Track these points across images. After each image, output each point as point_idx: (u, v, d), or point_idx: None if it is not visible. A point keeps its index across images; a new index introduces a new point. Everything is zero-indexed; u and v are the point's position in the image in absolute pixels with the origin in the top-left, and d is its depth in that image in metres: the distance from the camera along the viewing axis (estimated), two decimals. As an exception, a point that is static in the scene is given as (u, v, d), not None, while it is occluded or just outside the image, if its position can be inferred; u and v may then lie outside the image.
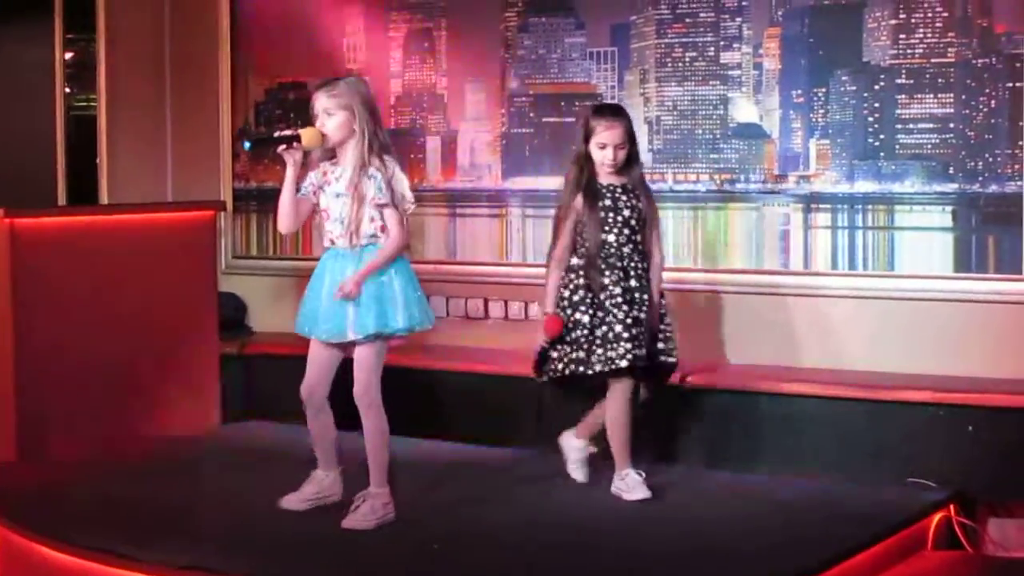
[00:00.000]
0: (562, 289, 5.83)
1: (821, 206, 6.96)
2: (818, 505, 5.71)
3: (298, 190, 5.34)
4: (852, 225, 6.86)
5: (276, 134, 5.37)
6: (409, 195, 5.37)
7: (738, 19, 7.15)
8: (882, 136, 6.77)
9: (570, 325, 5.77)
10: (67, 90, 8.98)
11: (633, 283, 5.75)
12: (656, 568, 4.90)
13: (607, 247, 5.75)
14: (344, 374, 5.42)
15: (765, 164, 7.05)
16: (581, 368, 5.75)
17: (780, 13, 7.04)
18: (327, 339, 5.33)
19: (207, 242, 7.34)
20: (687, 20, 7.27)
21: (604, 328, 5.71)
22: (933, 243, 6.66)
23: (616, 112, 5.95)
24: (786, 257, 6.99)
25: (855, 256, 6.84)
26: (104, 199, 8.76)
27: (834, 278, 6.86)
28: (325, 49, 8.36)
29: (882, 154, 6.78)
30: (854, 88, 6.84)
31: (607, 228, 5.76)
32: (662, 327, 5.84)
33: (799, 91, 6.99)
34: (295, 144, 5.23)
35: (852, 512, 5.56)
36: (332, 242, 5.32)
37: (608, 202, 5.78)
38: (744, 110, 7.11)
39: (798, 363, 6.77)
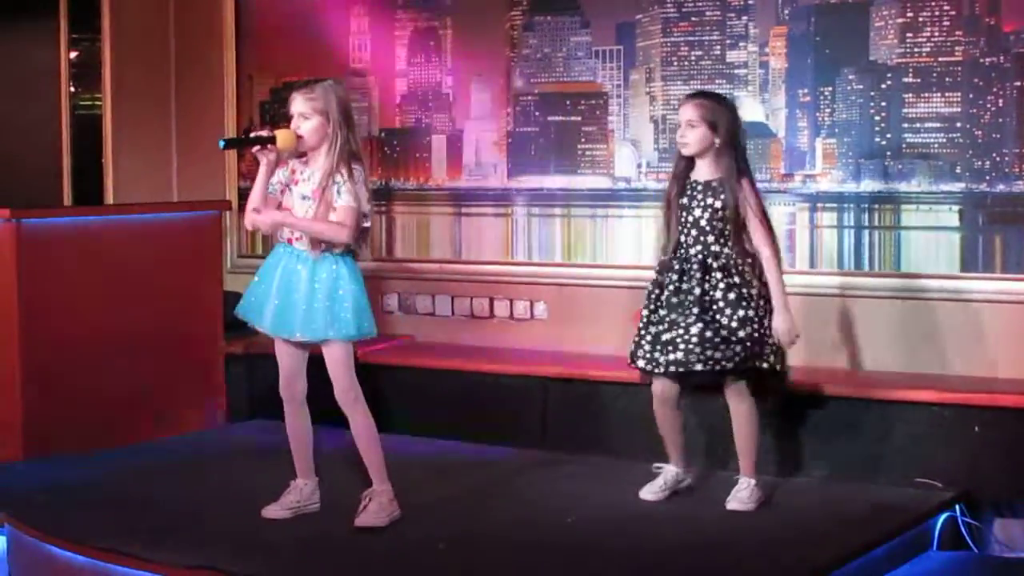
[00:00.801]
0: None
1: (827, 205, 6.95)
2: (823, 505, 5.71)
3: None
4: (858, 224, 6.85)
5: (252, 134, 5.37)
6: (367, 208, 5.32)
7: (744, 18, 7.14)
8: (889, 135, 6.76)
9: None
10: (72, 89, 8.98)
11: (696, 289, 5.53)
12: (657, 567, 4.89)
13: (680, 247, 5.62)
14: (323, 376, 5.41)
15: (771, 163, 7.03)
16: (630, 359, 5.70)
17: (786, 12, 7.03)
18: (273, 334, 5.35)
19: (213, 241, 7.35)
20: (693, 19, 7.26)
21: (655, 328, 5.63)
22: (939, 242, 6.65)
23: (698, 94, 5.79)
24: (792, 256, 6.96)
25: (861, 255, 6.83)
26: (109, 199, 8.76)
27: (839, 277, 6.85)
28: (330, 48, 8.36)
29: (888, 153, 6.77)
30: (861, 87, 6.83)
31: (680, 227, 5.62)
32: (745, 332, 5.52)
33: (805, 90, 6.99)
34: (269, 145, 5.22)
35: (858, 512, 5.56)
36: (290, 241, 5.31)
37: (686, 200, 5.63)
38: (750, 109, 7.09)
39: (810, 363, 6.75)
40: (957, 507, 5.79)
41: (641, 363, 5.65)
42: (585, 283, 7.50)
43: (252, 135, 5.35)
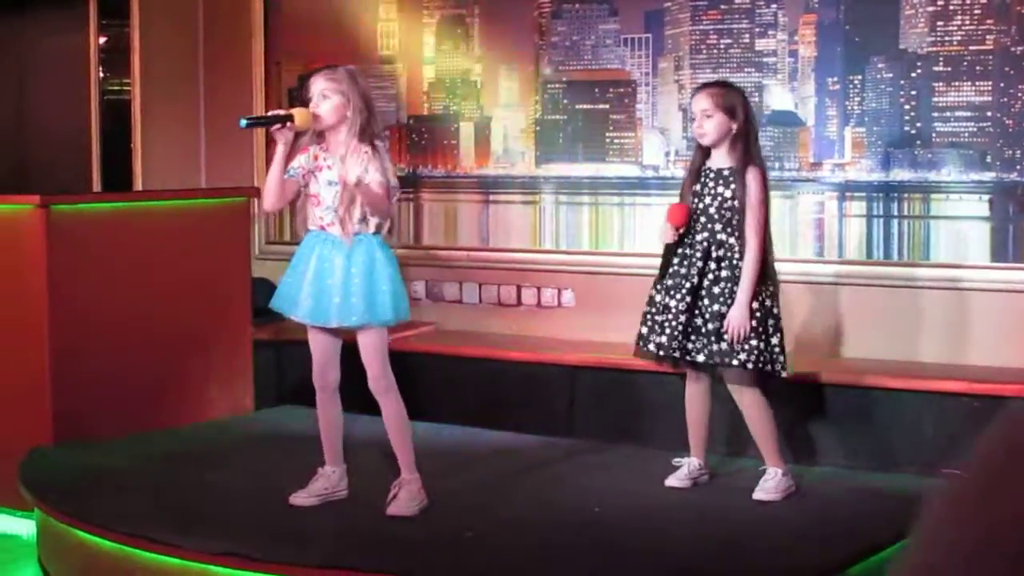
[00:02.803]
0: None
1: (856, 194, 6.93)
2: (850, 495, 5.69)
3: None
4: (887, 214, 6.84)
5: (270, 113, 5.36)
6: (393, 180, 5.30)
7: (773, 6, 7.13)
8: (918, 124, 6.74)
9: (647, 299, 5.69)
10: (101, 75, 9.00)
11: (694, 276, 5.50)
12: (684, 559, 4.89)
13: (688, 233, 5.58)
14: (355, 364, 5.41)
15: (800, 151, 7.02)
16: (640, 343, 5.69)
17: (815, 0, 7.01)
18: (310, 322, 5.33)
19: (241, 228, 7.35)
20: (722, 7, 7.24)
21: (658, 315, 5.61)
22: (970, 232, 6.63)
23: (710, 84, 5.79)
24: (820, 245, 6.96)
25: (890, 245, 6.81)
26: (138, 184, 8.79)
27: (869, 267, 6.83)
28: (358, 35, 8.36)
29: (918, 142, 6.75)
30: (890, 75, 6.81)
31: (692, 215, 5.58)
32: (712, 326, 5.49)
33: (834, 78, 6.97)
34: (288, 124, 5.21)
35: (882, 502, 5.53)
36: (322, 228, 5.31)
37: (698, 186, 5.60)
38: (779, 97, 7.09)
39: (832, 353, 6.75)
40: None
41: (640, 343, 5.68)
42: (612, 271, 7.49)
43: (270, 114, 5.35)
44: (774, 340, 5.52)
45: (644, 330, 5.69)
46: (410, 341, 7.26)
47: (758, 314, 5.48)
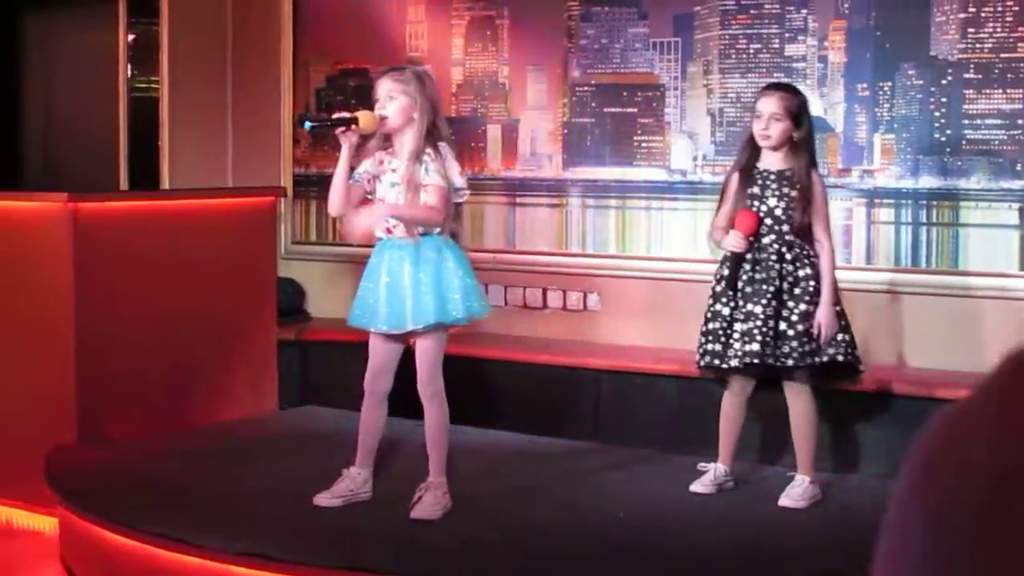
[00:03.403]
0: (715, 275, 5.63)
1: (884, 201, 6.90)
2: (875, 505, 5.65)
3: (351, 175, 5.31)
4: (916, 221, 6.81)
5: (334, 116, 5.32)
6: (459, 182, 5.28)
7: (803, 11, 7.10)
8: (948, 131, 6.71)
9: (709, 315, 5.61)
10: (129, 73, 9.01)
11: (775, 279, 5.43)
12: (709, 565, 4.87)
13: (756, 239, 5.50)
14: (404, 365, 5.41)
15: (828, 158, 6.99)
16: (716, 361, 5.56)
17: (846, 5, 6.99)
18: (388, 331, 5.30)
19: (267, 228, 7.35)
20: (751, 11, 7.22)
21: (740, 324, 5.50)
22: (999, 240, 6.60)
23: (779, 86, 5.76)
24: (848, 252, 6.93)
25: (919, 252, 6.78)
26: (165, 182, 8.80)
27: (896, 274, 6.81)
28: (387, 36, 8.35)
29: (948, 149, 6.71)
30: (920, 82, 6.78)
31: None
32: (800, 327, 5.43)
33: (864, 84, 6.94)
34: (352, 127, 5.17)
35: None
36: (389, 231, 5.28)
37: (756, 189, 5.52)
38: (808, 103, 7.05)
39: (865, 360, 6.70)
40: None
41: (716, 361, 5.55)
42: (639, 275, 7.48)
43: (335, 116, 5.30)
44: (851, 333, 5.56)
45: (717, 347, 5.55)
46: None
47: (837, 308, 5.51)
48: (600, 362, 7.05)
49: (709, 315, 5.59)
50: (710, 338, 5.58)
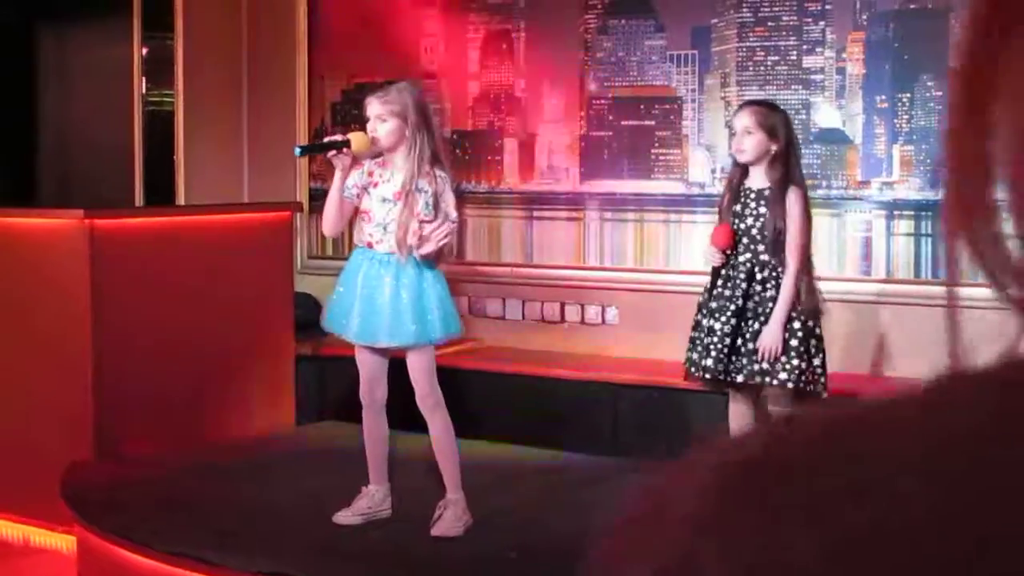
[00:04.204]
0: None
1: (904, 213, 6.87)
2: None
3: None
4: (936, 233, 6.77)
5: (326, 139, 5.31)
6: (453, 214, 5.28)
7: (821, 23, 7.07)
8: (968, 143, 6.66)
9: (693, 323, 5.62)
10: (144, 87, 9.01)
11: (739, 298, 5.43)
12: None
13: (732, 255, 5.50)
14: (399, 380, 5.38)
15: (847, 170, 6.96)
16: (692, 369, 5.60)
17: (864, 17, 6.96)
18: (360, 342, 5.30)
19: (284, 243, 7.33)
20: (769, 23, 7.19)
21: (704, 337, 5.52)
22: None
23: (754, 102, 5.73)
24: (867, 264, 6.90)
25: (938, 264, 6.74)
26: (180, 197, 8.79)
27: (916, 286, 6.77)
28: (402, 50, 8.34)
29: (967, 161, 6.67)
30: (939, 94, 6.74)
31: (734, 235, 5.51)
32: (751, 345, 5.43)
33: (883, 96, 6.91)
34: (344, 150, 5.17)
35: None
36: (370, 245, 5.27)
37: (739, 207, 5.52)
38: (826, 115, 7.03)
39: (878, 373, 6.68)
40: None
41: (691, 368, 5.61)
42: (657, 288, 7.45)
43: (326, 140, 5.30)
44: (816, 361, 5.47)
45: (694, 355, 5.61)
46: (451, 358, 7.22)
47: (800, 334, 5.42)
48: (618, 376, 7.03)
49: (693, 324, 5.65)
50: (688, 345, 5.65)
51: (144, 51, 9.01)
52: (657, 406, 6.87)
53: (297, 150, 5.39)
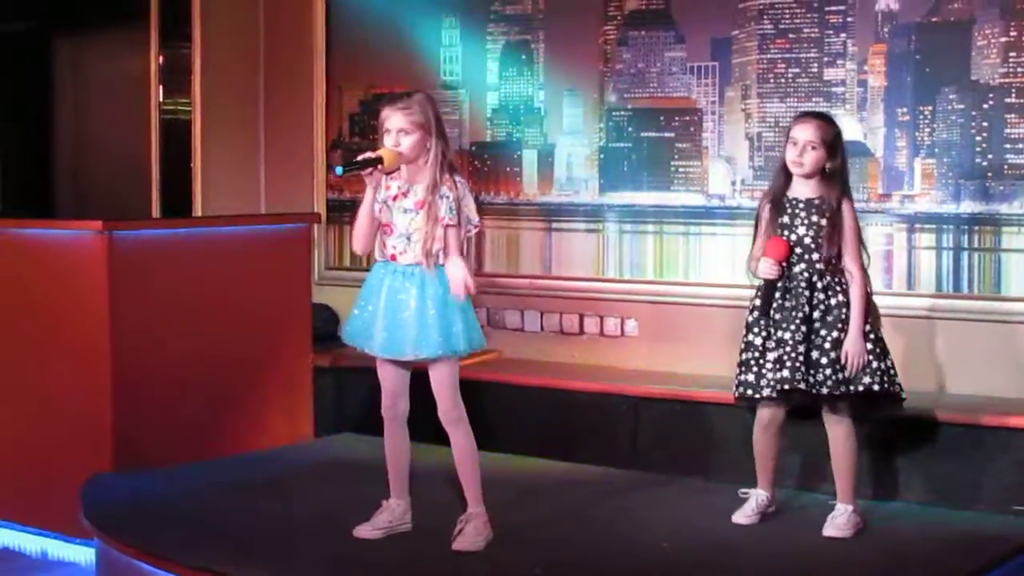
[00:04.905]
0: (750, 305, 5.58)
1: (926, 226, 6.84)
2: (920, 532, 5.60)
3: None
4: (957, 246, 6.74)
5: (360, 157, 5.28)
6: (475, 218, 5.29)
7: (843, 35, 7.05)
8: (990, 156, 6.65)
9: (743, 346, 5.56)
10: (161, 97, 9.00)
11: (804, 307, 5.40)
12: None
13: (786, 268, 5.46)
14: (420, 393, 5.36)
15: (869, 183, 6.94)
16: (750, 391, 5.52)
17: (886, 29, 6.94)
18: (383, 355, 5.27)
19: (302, 255, 7.30)
20: (790, 35, 7.17)
21: (771, 352, 5.46)
22: (1042, 266, 6.54)
23: (816, 115, 5.62)
24: (889, 277, 6.88)
25: (960, 278, 6.72)
26: (198, 207, 8.79)
27: (937, 300, 6.74)
28: (421, 60, 8.33)
29: (989, 174, 6.65)
30: (961, 107, 6.72)
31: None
32: (832, 354, 5.39)
33: (904, 109, 6.89)
34: (378, 167, 5.17)
35: (955, 540, 5.44)
36: (393, 257, 5.25)
37: (786, 218, 5.49)
38: (848, 127, 6.97)
39: (906, 387, 6.63)
40: (1058, 537, 5.66)
41: (750, 391, 5.51)
42: (677, 301, 7.43)
43: (360, 158, 5.25)
44: (888, 362, 5.48)
45: (750, 377, 5.51)
46: (471, 370, 7.18)
47: (871, 337, 5.43)
48: (638, 388, 7.01)
49: (743, 345, 5.56)
50: (743, 368, 5.55)
51: (161, 60, 9.01)
52: (676, 418, 6.85)
53: (339, 169, 5.34)
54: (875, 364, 5.42)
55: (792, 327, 5.42)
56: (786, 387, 5.41)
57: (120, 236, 6.47)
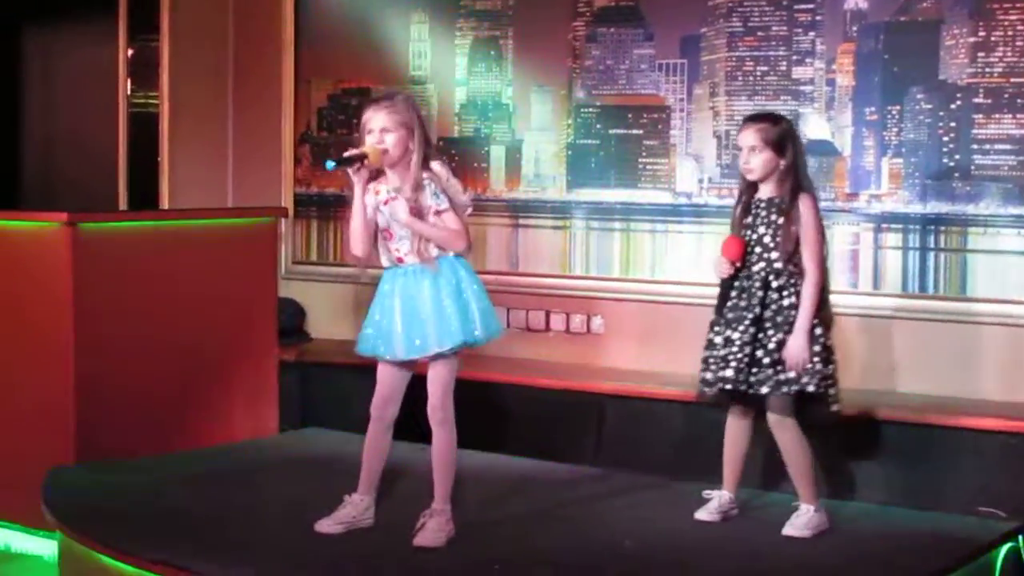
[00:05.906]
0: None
1: (892, 226, 6.85)
2: (881, 532, 5.60)
3: None
4: (924, 247, 6.75)
5: (346, 154, 5.26)
6: (464, 199, 5.29)
7: (811, 33, 7.05)
8: (957, 156, 6.65)
9: (705, 344, 5.54)
10: (129, 89, 8.96)
11: (756, 307, 5.40)
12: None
13: (743, 265, 5.46)
14: (409, 396, 5.36)
15: (836, 182, 6.94)
16: (705, 388, 5.53)
17: (855, 28, 6.95)
18: (408, 358, 5.25)
19: (268, 249, 7.28)
20: (759, 33, 7.17)
21: (720, 349, 5.47)
22: (1008, 267, 6.53)
23: (757, 117, 5.59)
24: (855, 277, 6.88)
25: (926, 278, 6.73)
26: (164, 200, 8.75)
27: (903, 300, 6.75)
28: (389, 55, 8.31)
29: (957, 174, 6.66)
30: (929, 106, 6.73)
31: (747, 246, 5.47)
32: (776, 355, 5.37)
33: (872, 108, 6.89)
34: (364, 162, 5.16)
35: (917, 541, 5.45)
36: (400, 260, 5.23)
37: (750, 218, 5.50)
38: (815, 126, 7.01)
39: (870, 387, 6.65)
40: (1020, 538, 5.66)
41: (704, 388, 5.53)
42: (643, 298, 7.43)
43: (347, 155, 5.24)
44: (831, 368, 5.45)
45: (708, 375, 5.53)
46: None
47: (821, 342, 5.41)
48: (604, 386, 7.00)
49: (705, 343, 5.57)
50: (703, 367, 5.56)
51: (129, 53, 8.96)
52: (642, 416, 6.84)
53: (329, 164, 5.32)
54: (818, 367, 5.38)
55: (741, 327, 5.42)
56: (728, 387, 5.43)
57: (85, 229, 6.44)
